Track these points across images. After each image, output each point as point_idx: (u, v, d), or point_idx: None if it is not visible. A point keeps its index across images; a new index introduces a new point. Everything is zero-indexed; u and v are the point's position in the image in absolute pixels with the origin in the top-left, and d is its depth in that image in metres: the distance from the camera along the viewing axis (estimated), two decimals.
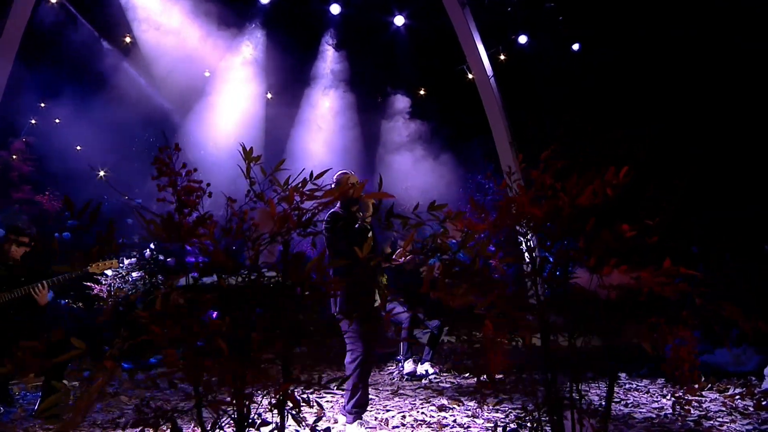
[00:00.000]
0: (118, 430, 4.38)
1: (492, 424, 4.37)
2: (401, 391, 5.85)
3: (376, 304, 4.42)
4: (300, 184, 2.28)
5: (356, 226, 4.30)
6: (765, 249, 8.29)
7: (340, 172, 4.64)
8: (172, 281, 2.60)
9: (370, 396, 5.53)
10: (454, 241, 2.46)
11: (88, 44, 11.05)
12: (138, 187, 12.16)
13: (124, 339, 2.74)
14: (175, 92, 11.10)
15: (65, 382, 6.17)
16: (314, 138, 13.00)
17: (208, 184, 2.58)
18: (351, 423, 4.17)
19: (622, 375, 6.60)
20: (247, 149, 2.61)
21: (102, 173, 11.86)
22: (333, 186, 4.59)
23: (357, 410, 4.18)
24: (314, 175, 2.42)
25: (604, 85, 11.04)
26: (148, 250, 11.07)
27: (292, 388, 2.26)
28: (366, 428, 4.21)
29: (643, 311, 2.16)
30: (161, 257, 11.11)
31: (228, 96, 11.79)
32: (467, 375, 6.74)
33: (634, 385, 6.07)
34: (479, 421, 4.55)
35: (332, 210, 4.45)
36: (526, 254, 2.43)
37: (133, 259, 10.82)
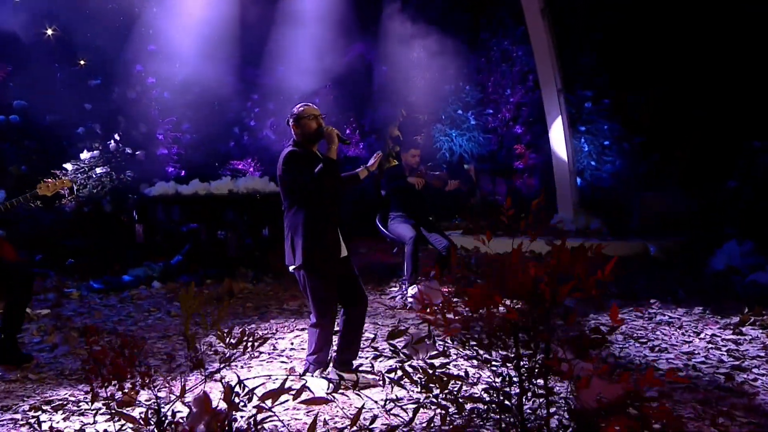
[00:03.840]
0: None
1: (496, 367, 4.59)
2: (402, 326, 6.10)
3: (344, 255, 4.52)
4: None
5: (318, 167, 4.28)
6: None
7: (300, 106, 4.55)
8: None
9: (367, 334, 5.81)
10: None
11: None
12: (95, 54, 11.74)
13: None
14: None
15: (28, 311, 6.47)
16: (300, 27, 12.52)
17: None
18: (311, 373, 4.44)
19: (654, 302, 6.80)
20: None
21: (50, 32, 11.53)
22: (292, 121, 4.53)
23: (317, 363, 4.44)
24: None
25: (609, 48, 12.49)
26: (112, 141, 11.10)
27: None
28: (325, 378, 4.45)
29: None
30: (128, 150, 11.16)
31: None
32: None
33: (666, 317, 6.26)
34: (485, 373, 4.77)
35: (289, 149, 4.42)
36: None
37: (95, 152, 10.88)
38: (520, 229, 2.96)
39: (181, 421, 2.61)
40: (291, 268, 4.47)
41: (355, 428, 3.16)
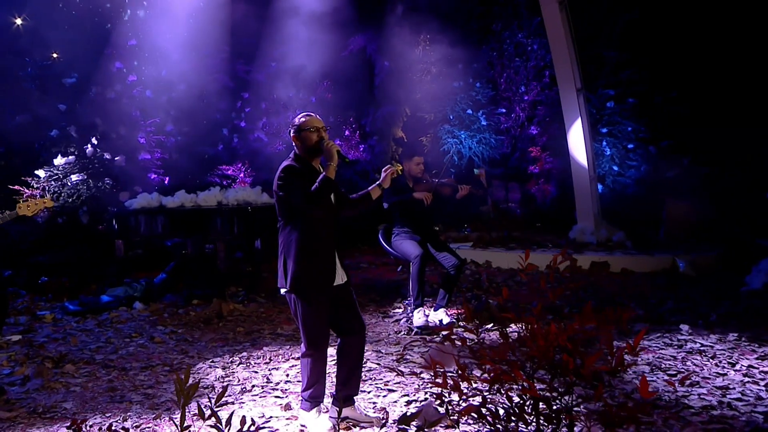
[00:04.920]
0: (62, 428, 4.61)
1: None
2: (408, 355, 6.10)
3: (341, 281, 4.51)
4: None
5: (314, 186, 4.28)
6: None
7: (302, 116, 4.55)
8: None
9: (370, 363, 5.81)
10: None
11: None
12: (70, 49, 11.64)
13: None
14: None
15: None
16: (295, 19, 12.52)
17: None
18: (308, 411, 4.43)
19: (684, 327, 6.78)
20: None
21: (19, 22, 11.53)
22: (292, 132, 4.53)
23: (313, 399, 4.44)
24: None
25: (634, 41, 12.83)
26: (89, 145, 11.10)
27: None
28: (326, 415, 4.45)
29: None
30: (107, 155, 11.16)
31: None
32: (491, 326, 6.96)
33: (698, 345, 6.24)
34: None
35: (286, 163, 4.42)
36: None
37: (71, 158, 10.88)
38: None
39: None
40: (282, 290, 4.47)
41: None
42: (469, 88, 14.79)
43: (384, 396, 5.08)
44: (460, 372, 2.42)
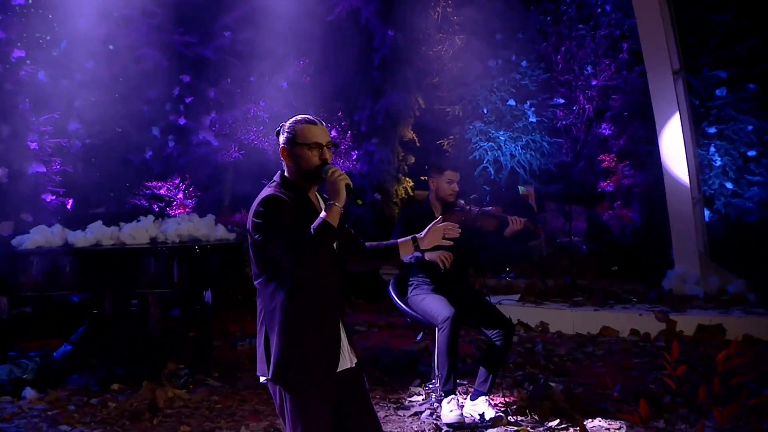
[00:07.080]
0: None
1: None
2: None
3: (349, 365, 4.42)
4: None
5: (319, 220, 4.19)
6: None
7: (299, 120, 4.43)
8: None
9: None
10: None
11: None
12: None
13: None
14: None
15: None
16: None
17: None
18: None
19: None
20: None
21: None
22: (283, 140, 4.44)
23: None
24: None
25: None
26: None
27: None
28: None
29: None
30: None
31: None
32: (557, 423, 6.87)
33: None
34: None
35: (268, 192, 4.31)
36: None
37: None
38: None
39: None
40: (262, 379, 4.37)
41: None
42: (512, 69, 14.85)
43: None
44: None
